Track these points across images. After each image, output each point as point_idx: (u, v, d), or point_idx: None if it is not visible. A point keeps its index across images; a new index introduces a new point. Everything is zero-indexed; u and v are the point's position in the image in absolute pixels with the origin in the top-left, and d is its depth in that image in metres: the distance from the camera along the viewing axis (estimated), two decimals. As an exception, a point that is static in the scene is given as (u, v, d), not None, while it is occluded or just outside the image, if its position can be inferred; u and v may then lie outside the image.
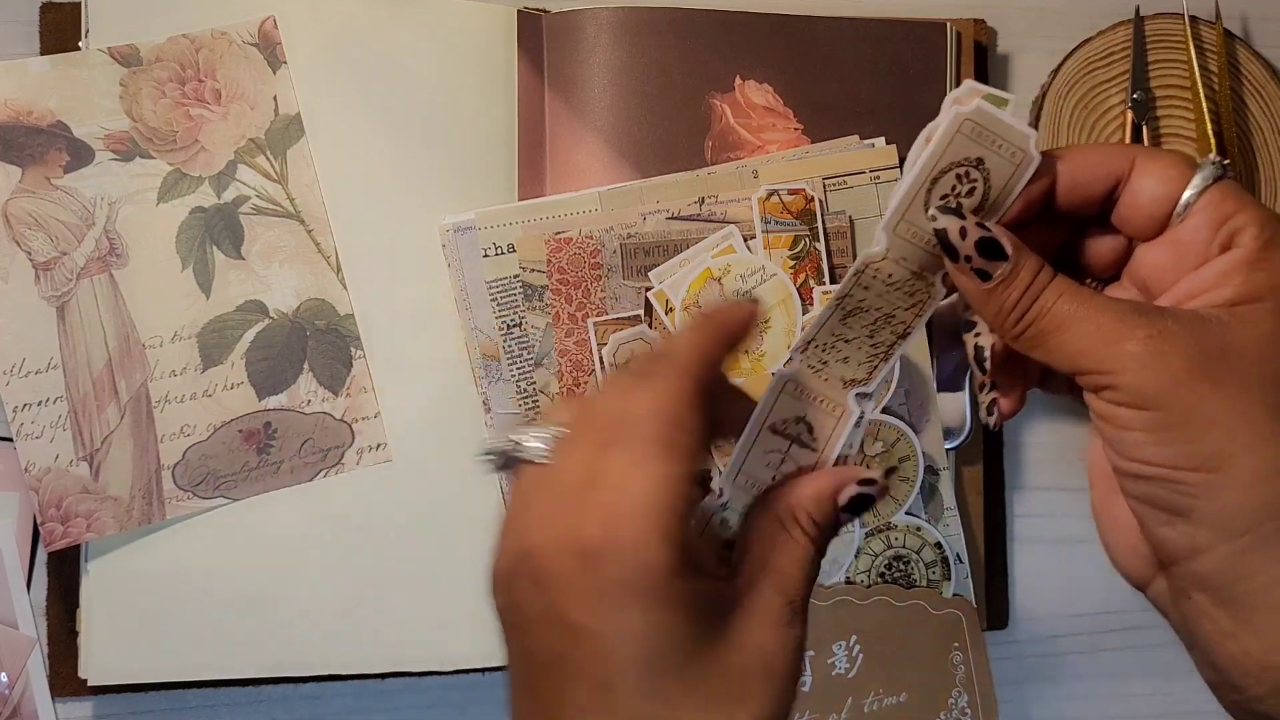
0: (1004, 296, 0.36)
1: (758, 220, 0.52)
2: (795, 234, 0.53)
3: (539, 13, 0.57)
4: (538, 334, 0.52)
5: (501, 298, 0.52)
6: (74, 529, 0.53)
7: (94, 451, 0.53)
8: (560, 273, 0.52)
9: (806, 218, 0.53)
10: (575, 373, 0.51)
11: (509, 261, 0.52)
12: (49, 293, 0.53)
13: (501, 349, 0.52)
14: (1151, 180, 0.38)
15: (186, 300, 0.54)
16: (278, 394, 0.54)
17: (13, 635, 0.55)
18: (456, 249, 0.52)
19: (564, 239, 0.52)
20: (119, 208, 0.54)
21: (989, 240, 0.36)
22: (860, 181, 0.54)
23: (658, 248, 0.52)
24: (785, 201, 0.53)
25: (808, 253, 0.53)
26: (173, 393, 0.54)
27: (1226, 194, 0.37)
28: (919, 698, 0.47)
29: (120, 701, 0.55)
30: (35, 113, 0.53)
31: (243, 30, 0.55)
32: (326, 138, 0.55)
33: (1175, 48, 0.59)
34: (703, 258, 0.53)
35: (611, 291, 0.52)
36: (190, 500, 0.53)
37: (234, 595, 0.54)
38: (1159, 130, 0.59)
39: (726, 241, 0.53)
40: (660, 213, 0.53)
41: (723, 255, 0.53)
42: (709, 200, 0.53)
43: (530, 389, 0.51)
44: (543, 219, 0.53)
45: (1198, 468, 0.33)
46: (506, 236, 0.52)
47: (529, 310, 0.52)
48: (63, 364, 0.53)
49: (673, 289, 0.52)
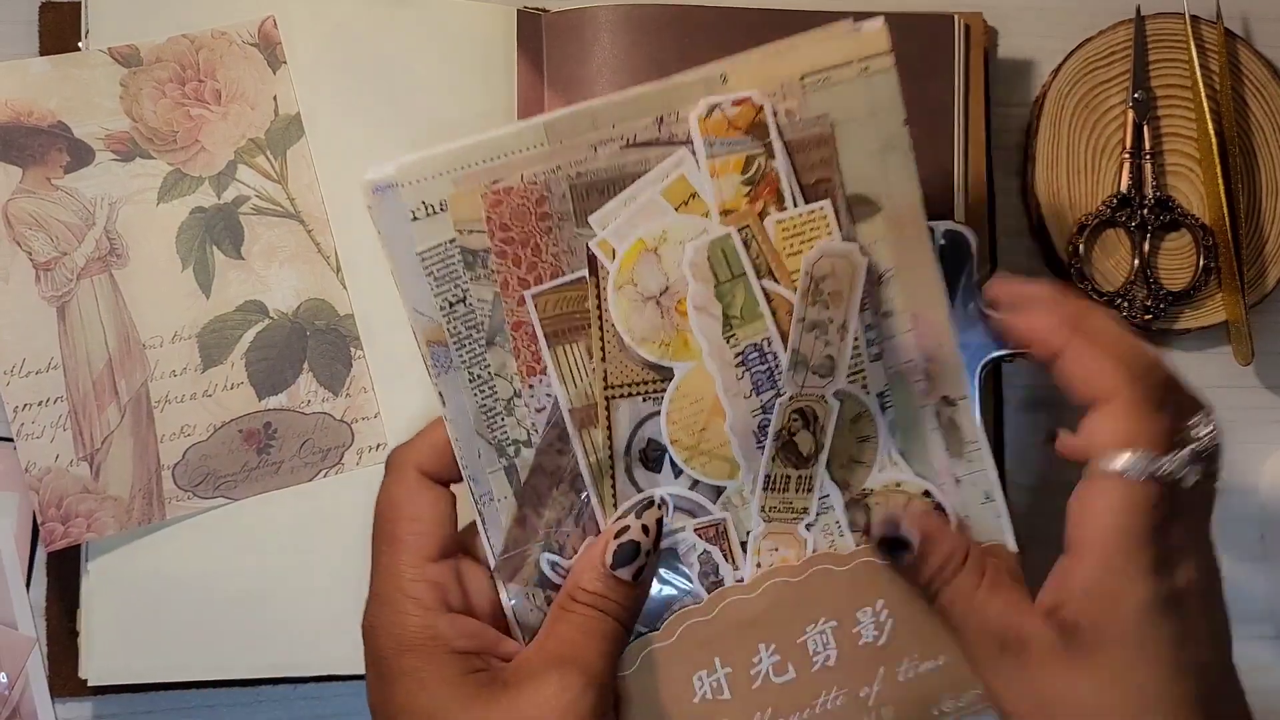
0: (914, 580, 0.42)
1: (699, 144, 0.42)
2: (747, 153, 0.42)
3: (539, 12, 0.57)
4: (485, 308, 0.43)
5: (439, 270, 0.43)
6: (74, 529, 0.53)
7: (94, 451, 0.53)
8: (503, 230, 0.42)
9: (758, 131, 0.42)
10: (533, 346, 0.43)
11: (442, 224, 0.42)
12: (49, 293, 0.53)
13: (447, 331, 0.43)
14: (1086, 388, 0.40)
15: (186, 300, 0.54)
16: (277, 394, 0.54)
17: (12, 635, 0.55)
18: (381, 213, 0.42)
19: (503, 189, 0.42)
20: (119, 208, 0.54)
21: (888, 541, 0.41)
22: (845, 76, 0.43)
23: (614, 184, 0.42)
24: (729, 116, 0.42)
25: (763, 174, 0.42)
26: (173, 393, 0.54)
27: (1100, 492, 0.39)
28: (958, 658, 0.43)
29: (120, 702, 0.55)
30: (35, 113, 0.53)
31: (243, 30, 0.55)
32: (326, 138, 0.55)
33: (1176, 47, 0.59)
34: (650, 193, 0.42)
35: (565, 245, 0.42)
36: (190, 500, 0.53)
37: (234, 595, 0.54)
38: (1160, 130, 0.59)
39: (677, 170, 0.42)
40: (615, 141, 0.42)
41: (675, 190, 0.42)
42: (668, 119, 0.42)
43: (485, 374, 0.43)
44: (477, 164, 0.42)
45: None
46: (436, 192, 0.42)
47: (472, 281, 0.42)
48: (63, 364, 0.53)
49: (619, 237, 0.42)
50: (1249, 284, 0.59)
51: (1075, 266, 0.58)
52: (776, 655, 0.43)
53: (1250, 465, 0.61)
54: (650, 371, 0.42)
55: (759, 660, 0.43)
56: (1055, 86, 0.59)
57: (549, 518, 0.42)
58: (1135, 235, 0.59)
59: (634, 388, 0.42)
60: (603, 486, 0.42)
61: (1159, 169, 0.59)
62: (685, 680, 0.43)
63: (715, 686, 0.43)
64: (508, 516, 0.43)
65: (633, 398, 0.42)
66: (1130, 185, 0.59)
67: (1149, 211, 0.58)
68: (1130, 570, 0.37)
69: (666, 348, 0.42)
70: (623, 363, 0.42)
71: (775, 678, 0.43)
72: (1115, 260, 0.59)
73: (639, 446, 0.42)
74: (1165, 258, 0.59)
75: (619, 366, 0.42)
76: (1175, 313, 0.59)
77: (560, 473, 0.42)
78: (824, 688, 0.43)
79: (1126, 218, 0.59)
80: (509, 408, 0.42)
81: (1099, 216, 0.58)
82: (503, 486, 0.42)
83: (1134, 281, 0.59)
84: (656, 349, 0.42)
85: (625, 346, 0.42)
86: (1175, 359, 0.61)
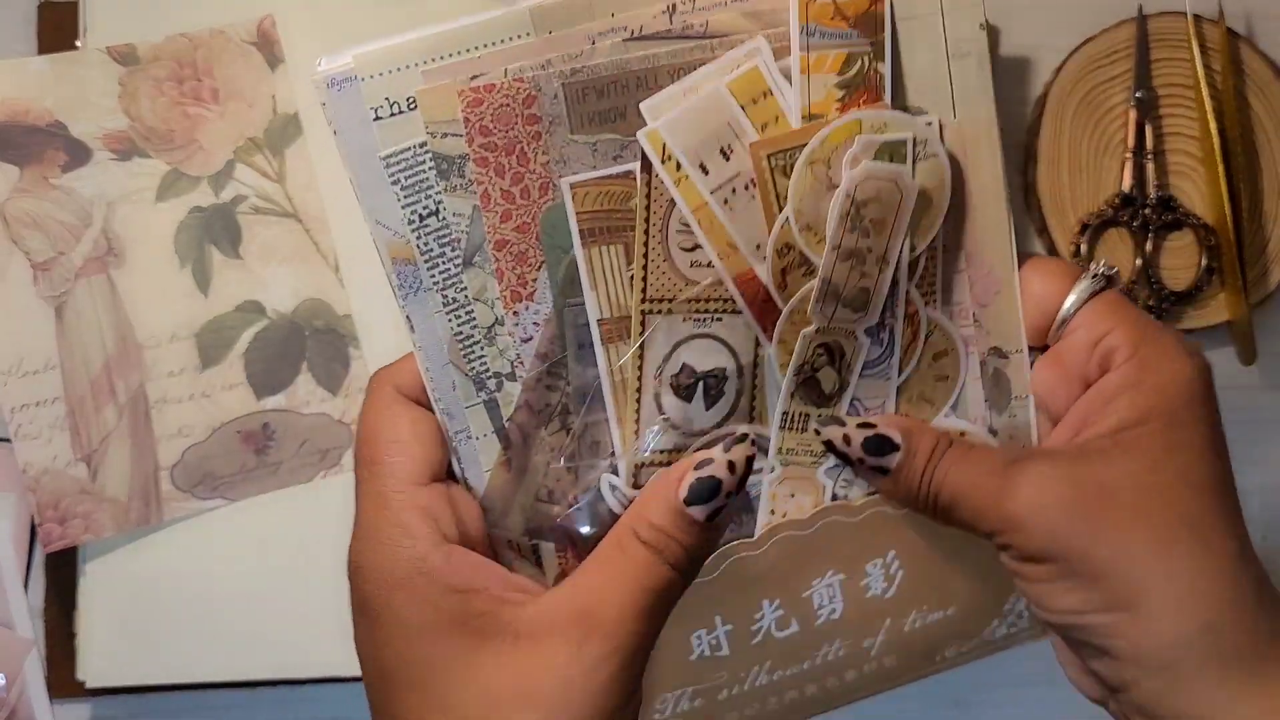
0: (908, 483, 0.37)
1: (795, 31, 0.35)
2: (850, 49, 0.35)
3: None
4: (462, 223, 0.37)
5: (407, 178, 0.37)
6: (72, 530, 0.52)
7: (92, 452, 0.53)
8: (484, 134, 0.36)
9: (868, 25, 0.35)
10: (519, 268, 0.37)
11: (411, 125, 0.36)
12: (47, 293, 0.53)
13: (416, 248, 0.37)
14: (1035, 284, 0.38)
15: (184, 300, 0.54)
16: (276, 394, 0.54)
17: (10, 637, 0.54)
18: (337, 110, 0.36)
19: (485, 86, 0.36)
20: (117, 207, 0.53)
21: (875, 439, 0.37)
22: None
23: (615, 85, 0.36)
24: (839, 2, 0.35)
25: (864, 78, 0.36)
26: (171, 393, 0.53)
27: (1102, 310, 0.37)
28: (968, 609, 0.41)
29: (118, 704, 0.55)
30: (33, 112, 0.53)
31: (241, 29, 0.55)
32: (325, 137, 0.55)
33: (1178, 46, 0.59)
34: (715, 85, 0.36)
35: (558, 153, 0.36)
36: (188, 501, 0.53)
37: (233, 597, 0.53)
38: (1162, 129, 0.59)
39: (751, 61, 0.35)
40: (616, 32, 0.36)
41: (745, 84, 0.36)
42: (682, 6, 0.36)
43: (462, 298, 0.37)
44: (452, 56, 0.36)
45: (1105, 610, 0.33)
46: (402, 88, 0.36)
47: (447, 192, 0.37)
48: (60, 364, 0.53)
49: (673, 131, 0.35)
50: (1251, 284, 0.58)
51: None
52: (780, 610, 0.40)
53: (1252, 465, 0.61)
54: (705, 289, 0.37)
55: (761, 617, 0.40)
56: (1057, 85, 0.59)
57: (537, 461, 0.37)
58: (1138, 235, 0.59)
59: (677, 305, 0.37)
60: (626, 411, 0.37)
61: (1161, 168, 0.59)
62: (683, 640, 0.40)
63: (714, 644, 0.40)
64: (488, 456, 0.38)
65: (673, 315, 0.37)
66: (1133, 184, 0.58)
67: (1151, 211, 0.58)
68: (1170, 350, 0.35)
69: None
70: (667, 274, 0.37)
71: (777, 632, 0.40)
72: (1117, 260, 0.59)
73: (672, 371, 0.37)
74: (1168, 257, 0.59)
75: (662, 278, 0.37)
76: (1178, 313, 0.59)
77: (550, 410, 0.38)
78: (826, 640, 0.41)
79: (1129, 217, 0.58)
80: (489, 336, 0.37)
81: (1101, 216, 0.58)
82: (482, 423, 0.38)
83: (1136, 281, 0.59)
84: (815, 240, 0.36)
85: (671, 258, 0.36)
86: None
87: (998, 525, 0.34)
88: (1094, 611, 0.33)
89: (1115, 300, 0.37)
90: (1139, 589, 0.33)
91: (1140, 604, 0.32)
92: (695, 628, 0.40)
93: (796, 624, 0.41)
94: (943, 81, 0.36)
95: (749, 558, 0.39)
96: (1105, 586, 0.33)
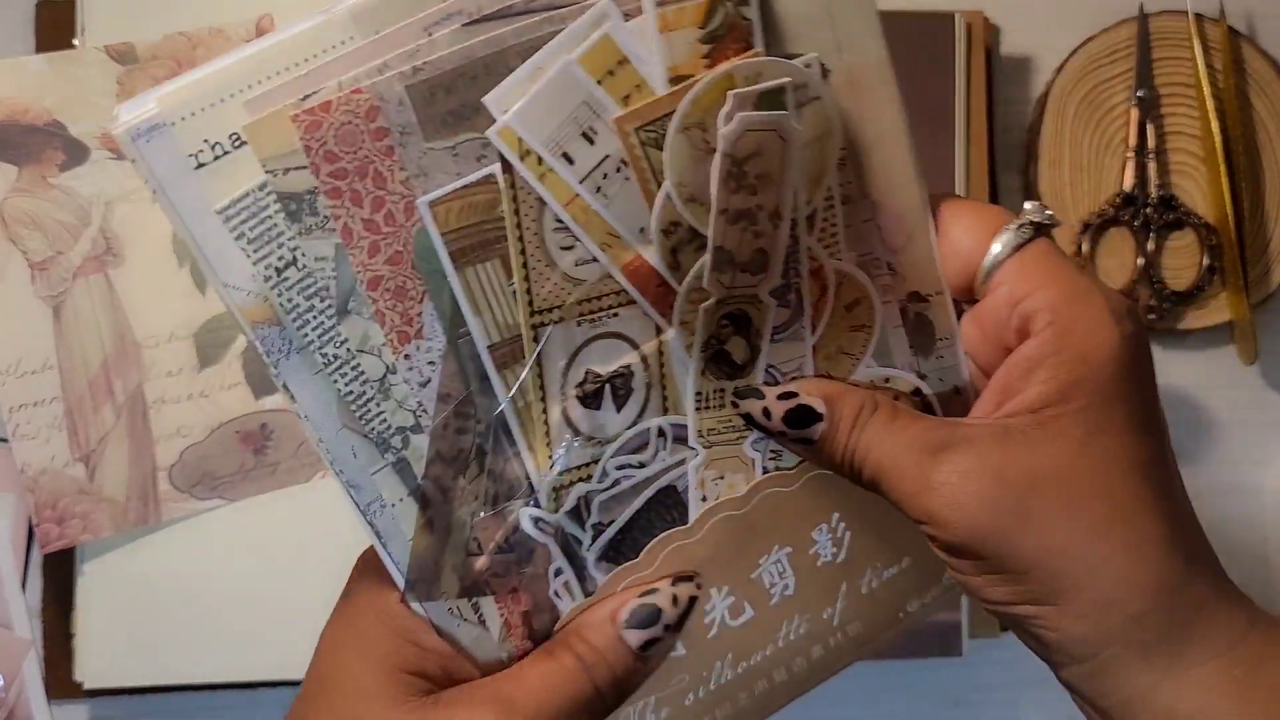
0: (830, 453, 0.35)
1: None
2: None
3: (538, 10, 0.56)
4: (327, 267, 0.32)
5: (251, 228, 0.32)
6: (70, 530, 0.52)
7: (90, 452, 0.53)
8: (330, 161, 0.31)
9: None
10: (401, 305, 0.33)
11: (242, 165, 0.31)
12: (45, 293, 0.53)
13: (279, 306, 0.32)
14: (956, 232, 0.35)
15: (183, 300, 0.53)
16: (274, 394, 0.54)
17: (8, 638, 0.54)
18: (153, 165, 0.31)
19: (319, 105, 0.31)
20: (115, 207, 0.53)
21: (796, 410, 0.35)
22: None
23: (463, 78, 0.31)
24: None
25: (729, 27, 0.32)
26: (169, 393, 0.53)
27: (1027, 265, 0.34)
28: (922, 558, 0.39)
29: (116, 704, 0.55)
30: (31, 111, 0.53)
31: (239, 28, 0.54)
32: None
33: (1180, 45, 0.59)
34: (563, 61, 0.31)
35: (416, 165, 0.32)
36: (187, 502, 0.53)
37: (231, 597, 0.53)
38: (1163, 128, 0.59)
39: (600, 29, 0.31)
40: (453, 19, 0.31)
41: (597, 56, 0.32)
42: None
43: (343, 352, 0.33)
44: (273, 77, 0.31)
45: (1031, 603, 0.32)
46: (223, 124, 0.31)
47: (301, 235, 0.32)
48: (59, 364, 0.53)
49: (525, 122, 0.32)
50: (1253, 283, 0.58)
51: (1079, 265, 0.58)
52: (731, 597, 0.38)
53: (1254, 466, 0.61)
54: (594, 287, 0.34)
55: (712, 607, 0.38)
56: (1059, 84, 0.59)
57: (461, 514, 0.35)
58: (1139, 234, 0.58)
59: (567, 310, 0.34)
60: (534, 436, 0.34)
61: (1163, 167, 0.59)
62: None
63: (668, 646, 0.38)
64: (409, 523, 0.34)
65: (565, 322, 0.34)
66: (1134, 184, 0.58)
67: (1153, 210, 0.58)
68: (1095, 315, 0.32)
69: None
70: (551, 279, 0.33)
71: (732, 621, 0.38)
72: (1119, 259, 0.59)
73: (575, 380, 0.35)
74: (1169, 257, 0.59)
75: (547, 285, 0.33)
76: (1179, 312, 0.59)
77: (464, 455, 0.34)
78: (785, 618, 0.39)
79: (1130, 216, 0.58)
80: (383, 389, 0.33)
81: (1103, 215, 0.58)
82: (394, 487, 0.34)
83: (1138, 281, 0.58)
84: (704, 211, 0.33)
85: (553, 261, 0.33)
86: (1179, 359, 0.61)
87: (919, 516, 0.33)
88: (1020, 603, 0.33)
89: (1043, 253, 0.34)
90: (1064, 584, 0.32)
91: (1065, 598, 0.32)
92: None
93: (750, 609, 0.39)
94: (821, 23, 0.33)
95: (687, 545, 0.37)
96: (1030, 580, 0.32)
